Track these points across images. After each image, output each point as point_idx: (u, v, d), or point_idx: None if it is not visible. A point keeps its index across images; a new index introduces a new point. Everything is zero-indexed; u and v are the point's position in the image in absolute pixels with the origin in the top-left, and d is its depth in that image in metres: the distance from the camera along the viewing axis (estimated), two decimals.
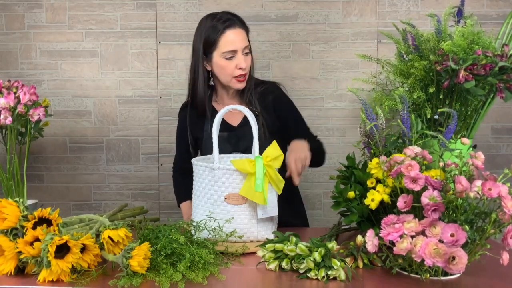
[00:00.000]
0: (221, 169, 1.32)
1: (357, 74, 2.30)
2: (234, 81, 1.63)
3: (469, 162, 1.12)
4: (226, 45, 1.58)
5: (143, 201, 2.36)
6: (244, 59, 1.60)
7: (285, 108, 1.74)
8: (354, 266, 1.20)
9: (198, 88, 1.67)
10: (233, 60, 1.59)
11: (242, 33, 1.61)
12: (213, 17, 1.63)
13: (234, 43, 1.58)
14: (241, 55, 1.59)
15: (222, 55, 1.59)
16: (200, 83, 1.66)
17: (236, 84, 1.64)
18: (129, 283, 1.08)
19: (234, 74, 1.61)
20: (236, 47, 1.58)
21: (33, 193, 2.24)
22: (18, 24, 2.30)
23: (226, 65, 1.59)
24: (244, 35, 1.62)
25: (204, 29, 1.62)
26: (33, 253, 1.09)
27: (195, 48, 1.66)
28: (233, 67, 1.60)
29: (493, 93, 1.40)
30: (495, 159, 2.33)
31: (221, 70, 1.62)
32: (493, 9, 2.29)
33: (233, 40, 1.58)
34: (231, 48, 1.58)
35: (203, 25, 1.64)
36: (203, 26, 1.64)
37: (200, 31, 1.64)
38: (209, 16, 1.66)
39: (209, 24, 1.61)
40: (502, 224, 1.05)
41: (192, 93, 1.72)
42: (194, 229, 1.29)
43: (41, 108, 1.66)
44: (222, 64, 1.60)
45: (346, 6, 2.29)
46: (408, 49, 1.51)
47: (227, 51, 1.58)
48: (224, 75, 1.63)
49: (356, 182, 1.40)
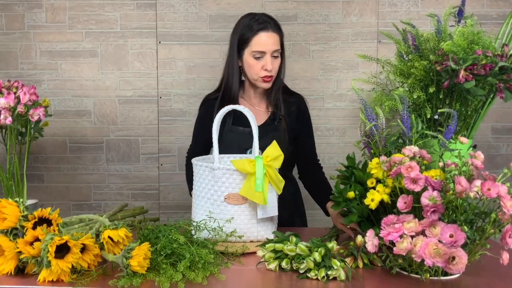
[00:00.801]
0: (221, 169, 1.32)
1: (357, 74, 2.30)
2: (260, 80, 1.69)
3: (468, 162, 1.12)
4: (256, 45, 1.65)
5: (143, 201, 2.36)
6: (271, 61, 1.66)
7: (305, 122, 1.84)
8: (354, 266, 1.20)
9: (233, 82, 1.73)
10: (261, 60, 1.66)
11: (274, 36, 1.67)
12: (252, 16, 1.70)
13: (264, 45, 1.65)
14: (269, 57, 1.66)
15: (251, 54, 1.66)
16: (235, 77, 1.73)
17: (261, 84, 1.70)
18: (129, 283, 1.08)
19: (260, 74, 1.67)
20: (266, 49, 1.65)
21: (33, 193, 2.24)
22: (18, 24, 2.30)
23: (254, 64, 1.67)
24: (276, 39, 1.68)
25: (241, 26, 1.69)
26: (33, 253, 1.09)
27: (231, 44, 1.72)
28: (260, 67, 1.66)
29: (493, 93, 1.40)
30: (495, 159, 2.33)
31: (249, 68, 1.69)
32: (493, 9, 2.29)
33: (264, 41, 1.65)
34: (260, 49, 1.65)
35: (241, 22, 1.71)
36: (240, 23, 1.71)
37: (237, 28, 1.71)
38: (248, 15, 1.73)
39: (246, 23, 1.69)
40: (502, 224, 1.05)
41: (225, 87, 1.75)
42: (194, 229, 1.29)
43: (41, 108, 1.66)
44: (251, 62, 1.67)
45: (346, 6, 2.29)
46: (408, 49, 1.51)
47: (256, 50, 1.65)
48: (251, 73, 1.69)
49: (356, 182, 1.40)
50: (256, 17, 1.69)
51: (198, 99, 2.32)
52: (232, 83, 1.72)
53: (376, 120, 1.37)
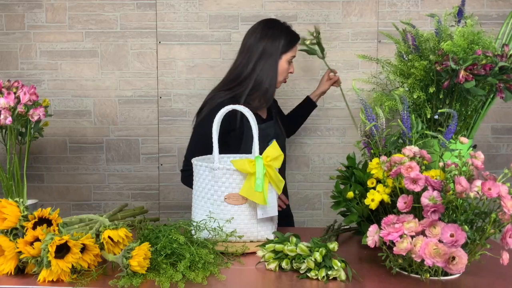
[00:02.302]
0: (221, 169, 1.32)
1: (357, 74, 2.30)
2: (282, 82, 1.85)
3: (468, 162, 1.12)
4: (294, 51, 1.82)
5: (143, 201, 2.37)
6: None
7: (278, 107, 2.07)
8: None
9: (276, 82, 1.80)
10: (290, 65, 1.83)
11: None
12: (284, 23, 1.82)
13: (296, 52, 1.83)
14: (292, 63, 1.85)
15: (288, 59, 1.80)
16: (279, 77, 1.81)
17: (280, 84, 1.85)
18: (129, 283, 1.08)
19: (287, 77, 1.84)
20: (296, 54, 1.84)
21: (33, 193, 2.24)
22: (18, 24, 2.30)
23: (287, 68, 1.81)
24: None
25: (283, 33, 1.79)
26: (33, 253, 1.09)
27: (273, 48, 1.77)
28: (288, 71, 1.83)
29: (493, 93, 1.40)
30: (495, 159, 2.33)
31: (282, 71, 1.80)
32: (493, 9, 2.29)
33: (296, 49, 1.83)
34: (295, 54, 1.82)
35: (279, 28, 1.80)
36: (280, 29, 1.79)
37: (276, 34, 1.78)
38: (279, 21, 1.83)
39: (288, 30, 1.81)
40: (502, 224, 1.05)
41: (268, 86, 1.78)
42: (194, 229, 1.29)
43: (41, 108, 1.66)
44: (285, 66, 1.80)
45: (346, 6, 2.29)
46: (408, 49, 1.51)
47: (293, 56, 1.81)
48: (281, 76, 1.81)
49: (356, 182, 1.40)
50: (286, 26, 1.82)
51: (198, 99, 2.32)
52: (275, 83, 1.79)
53: (376, 120, 1.37)
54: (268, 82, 1.76)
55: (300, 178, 2.37)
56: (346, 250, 1.36)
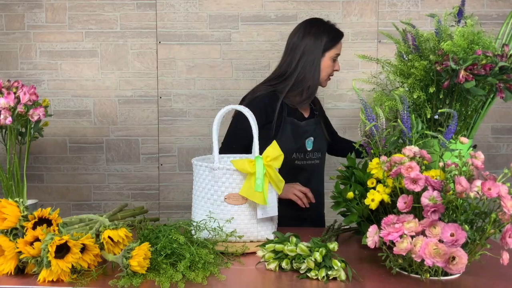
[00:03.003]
0: (221, 169, 1.32)
1: (357, 74, 2.30)
2: (327, 79, 1.84)
3: (469, 162, 1.12)
4: (338, 48, 1.81)
5: (143, 201, 2.36)
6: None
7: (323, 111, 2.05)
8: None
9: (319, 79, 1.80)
10: (335, 63, 1.82)
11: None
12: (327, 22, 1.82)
13: (340, 49, 1.83)
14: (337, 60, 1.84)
15: (332, 56, 1.79)
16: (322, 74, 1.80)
17: (325, 83, 1.85)
18: (129, 283, 1.08)
19: (331, 74, 1.83)
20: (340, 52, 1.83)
21: (33, 193, 2.24)
22: (18, 24, 2.30)
23: (331, 65, 1.81)
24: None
25: (326, 30, 1.79)
26: (33, 253, 1.09)
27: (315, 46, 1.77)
28: (333, 68, 1.82)
29: (493, 93, 1.40)
30: (495, 159, 2.33)
31: (325, 68, 1.80)
32: (493, 9, 2.29)
33: (340, 46, 1.83)
34: (339, 52, 1.81)
35: (321, 26, 1.80)
36: (322, 27, 1.79)
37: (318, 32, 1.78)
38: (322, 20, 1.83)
39: (329, 28, 1.80)
40: (502, 224, 1.05)
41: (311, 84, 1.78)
42: (194, 229, 1.29)
43: (41, 108, 1.66)
44: (329, 63, 1.80)
45: (346, 6, 2.29)
46: (408, 49, 1.51)
47: (337, 53, 1.80)
48: (326, 73, 1.81)
49: (356, 182, 1.40)
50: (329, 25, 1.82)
51: (198, 99, 2.32)
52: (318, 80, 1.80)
53: (376, 120, 1.37)
54: (310, 79, 1.77)
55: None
56: (346, 250, 1.36)
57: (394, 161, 1.18)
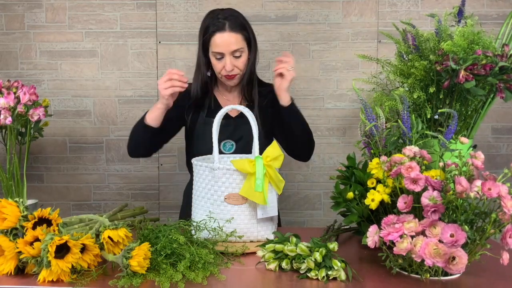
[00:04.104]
0: (221, 169, 1.32)
1: (357, 74, 2.30)
2: (224, 79, 1.70)
3: (469, 162, 1.12)
4: (215, 46, 1.63)
5: (143, 201, 2.36)
6: (231, 61, 1.64)
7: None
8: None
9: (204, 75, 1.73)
10: (222, 61, 1.65)
11: (232, 36, 1.62)
12: (212, 16, 1.67)
13: (220, 47, 1.62)
14: (228, 58, 1.63)
15: (212, 54, 1.66)
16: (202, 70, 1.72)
17: (226, 81, 1.71)
18: (129, 283, 1.08)
19: (222, 73, 1.67)
20: (223, 50, 1.62)
21: (33, 193, 2.24)
22: (18, 24, 2.30)
23: (216, 64, 1.67)
24: (235, 38, 1.63)
25: (203, 26, 1.68)
26: (33, 253, 1.09)
27: (198, 41, 1.71)
28: (221, 67, 1.66)
29: (493, 93, 1.40)
30: (495, 159, 2.33)
31: (214, 67, 1.69)
32: (493, 9, 2.29)
33: (220, 44, 1.62)
34: (218, 50, 1.63)
35: (203, 21, 1.70)
36: (203, 23, 1.69)
37: (201, 27, 1.70)
38: (209, 14, 1.70)
39: (206, 23, 1.67)
40: (502, 224, 1.05)
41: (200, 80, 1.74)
42: (194, 229, 1.29)
43: (41, 108, 1.66)
44: (213, 62, 1.67)
45: (346, 6, 2.29)
46: (408, 49, 1.51)
47: (215, 51, 1.64)
48: (216, 72, 1.70)
49: (356, 182, 1.40)
50: (215, 15, 1.66)
51: None
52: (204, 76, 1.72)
53: (376, 120, 1.37)
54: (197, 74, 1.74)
55: (300, 178, 2.36)
56: (346, 250, 1.36)
57: (394, 161, 1.18)
